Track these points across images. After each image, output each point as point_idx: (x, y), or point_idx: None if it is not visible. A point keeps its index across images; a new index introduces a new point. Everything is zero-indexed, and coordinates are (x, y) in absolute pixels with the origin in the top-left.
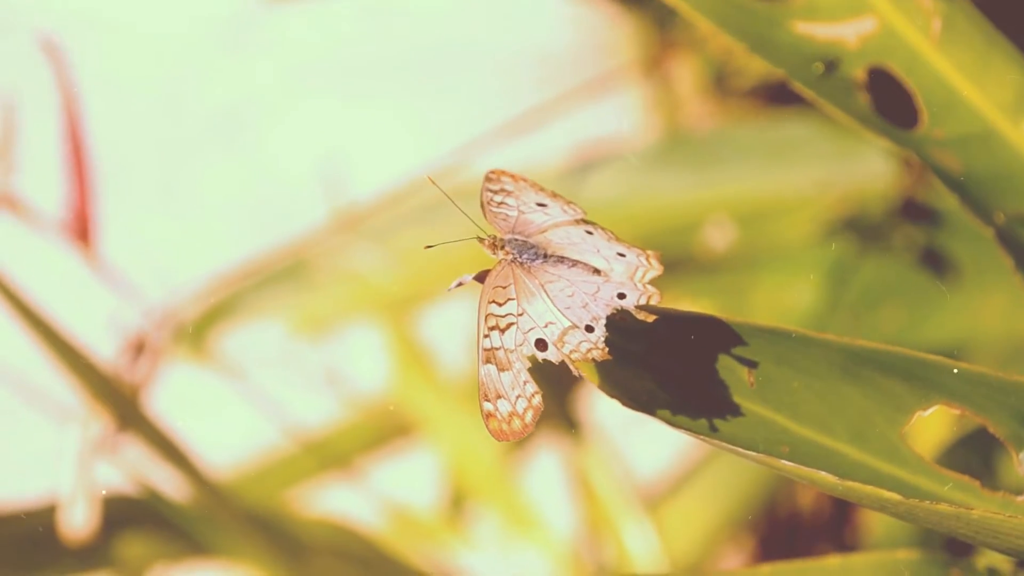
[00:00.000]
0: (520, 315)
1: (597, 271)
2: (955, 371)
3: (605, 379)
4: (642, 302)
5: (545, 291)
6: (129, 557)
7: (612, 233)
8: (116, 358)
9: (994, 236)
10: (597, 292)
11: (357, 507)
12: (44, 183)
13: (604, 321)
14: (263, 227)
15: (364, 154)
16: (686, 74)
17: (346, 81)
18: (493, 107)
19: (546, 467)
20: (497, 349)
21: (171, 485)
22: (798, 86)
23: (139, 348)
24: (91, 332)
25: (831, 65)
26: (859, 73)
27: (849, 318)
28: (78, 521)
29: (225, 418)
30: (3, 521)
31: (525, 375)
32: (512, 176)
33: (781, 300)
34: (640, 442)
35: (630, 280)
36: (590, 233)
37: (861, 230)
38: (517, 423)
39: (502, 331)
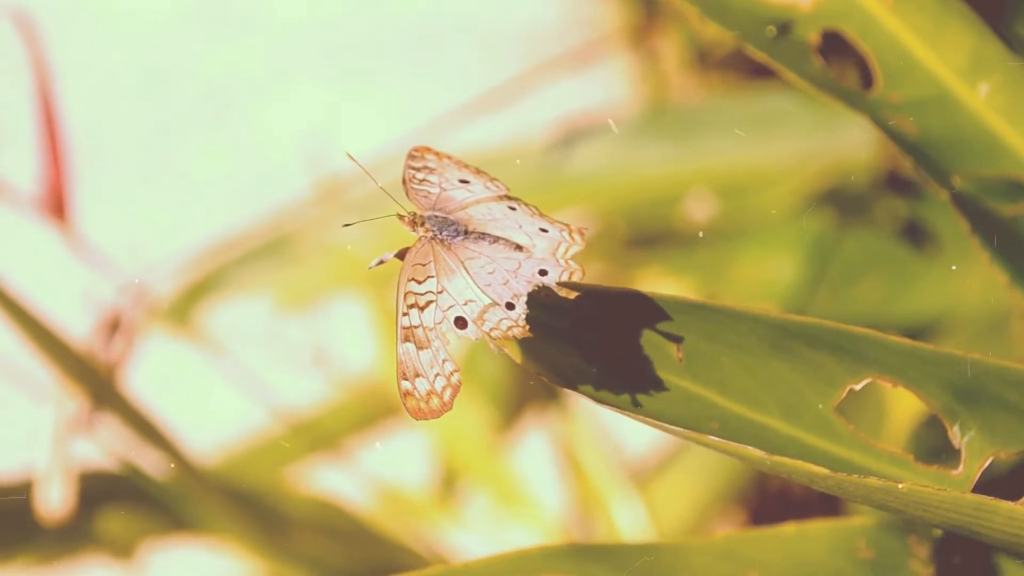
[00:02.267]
0: (440, 293)
1: (519, 247)
2: (885, 343)
3: (530, 355)
4: (564, 278)
5: (465, 268)
6: (111, 534)
7: (536, 209)
8: (91, 336)
9: (950, 199)
10: (518, 268)
11: (346, 487)
12: (19, 160)
13: (525, 298)
14: (245, 203)
15: (348, 130)
16: (670, 47)
17: (330, 57)
18: (478, 81)
19: (535, 445)
20: (416, 327)
21: (151, 463)
22: (751, 50)
23: (114, 326)
24: (67, 310)
25: (784, 28)
26: (813, 36)
27: (829, 292)
28: (55, 499)
29: (210, 397)
30: None
31: (444, 353)
32: (436, 153)
33: (762, 274)
34: (628, 418)
35: (552, 256)
36: (513, 209)
37: (843, 203)
38: (435, 402)
39: (421, 309)
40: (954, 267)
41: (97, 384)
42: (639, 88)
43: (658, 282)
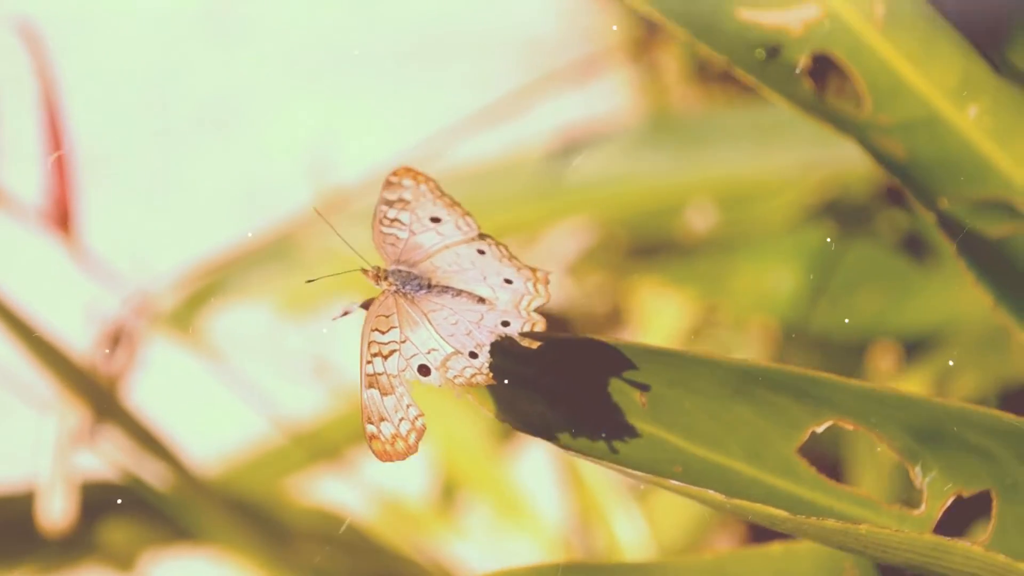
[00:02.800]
0: (403, 342)
1: (482, 300)
2: (846, 387)
3: (497, 403)
4: (526, 329)
5: (428, 320)
6: (113, 544)
7: (506, 250)
8: (93, 348)
9: (936, 221)
10: (481, 320)
11: (347, 497)
12: (23, 172)
13: (488, 348)
14: (249, 215)
15: (350, 141)
16: (670, 58)
17: (331, 68)
18: (479, 92)
19: (536, 456)
20: (380, 375)
21: (152, 474)
22: (740, 73)
23: (117, 338)
24: (71, 322)
25: (775, 51)
26: (803, 59)
27: (829, 303)
28: (57, 510)
29: (211, 410)
30: None
31: (408, 399)
32: (415, 177)
33: (761, 285)
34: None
35: (515, 308)
36: (482, 252)
37: (843, 214)
38: (401, 444)
39: (385, 357)
40: (957, 276)
41: (99, 396)
42: (640, 99)
43: (659, 293)
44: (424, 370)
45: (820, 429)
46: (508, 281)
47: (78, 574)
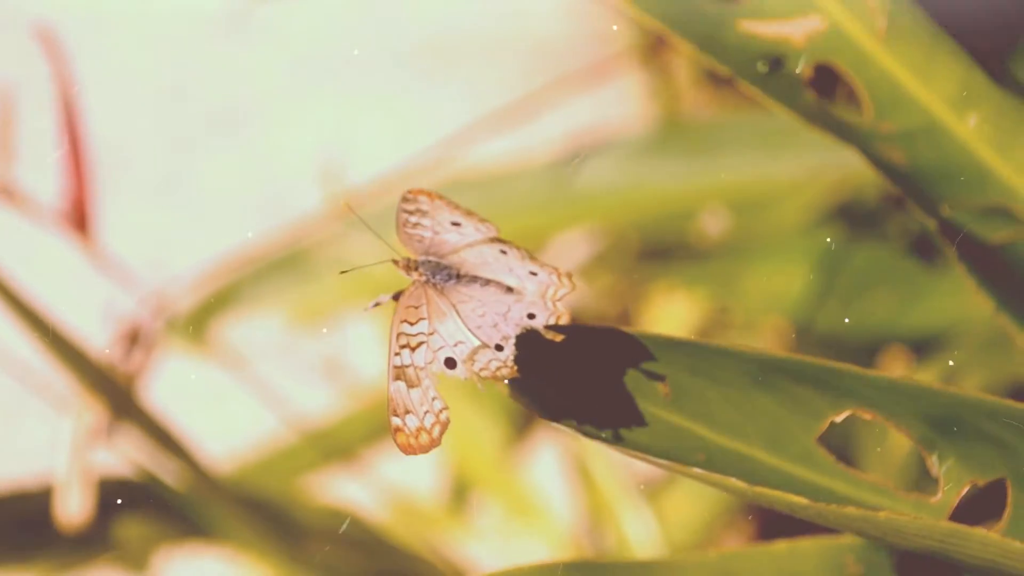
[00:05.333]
0: (431, 334)
1: (510, 290)
2: (865, 378)
3: (521, 393)
4: (551, 322)
5: (456, 311)
6: (128, 541)
7: (526, 252)
8: (110, 348)
9: (937, 228)
10: (508, 312)
11: (360, 497)
12: (42, 174)
13: (514, 340)
14: (262, 218)
15: (362, 145)
16: (682, 62)
17: (344, 72)
18: (490, 97)
19: (547, 456)
20: (407, 367)
21: (169, 472)
22: (744, 85)
23: (134, 338)
24: (88, 322)
25: (778, 63)
26: (806, 70)
27: (839, 304)
28: (74, 506)
29: (226, 409)
30: (1, 504)
31: (434, 391)
32: (428, 195)
33: (772, 287)
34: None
35: (541, 299)
36: (504, 252)
37: (853, 217)
38: (425, 438)
39: (412, 349)
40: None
41: (116, 394)
42: (650, 104)
43: (670, 295)
44: (451, 363)
45: (840, 419)
46: (533, 274)
47: (93, 571)
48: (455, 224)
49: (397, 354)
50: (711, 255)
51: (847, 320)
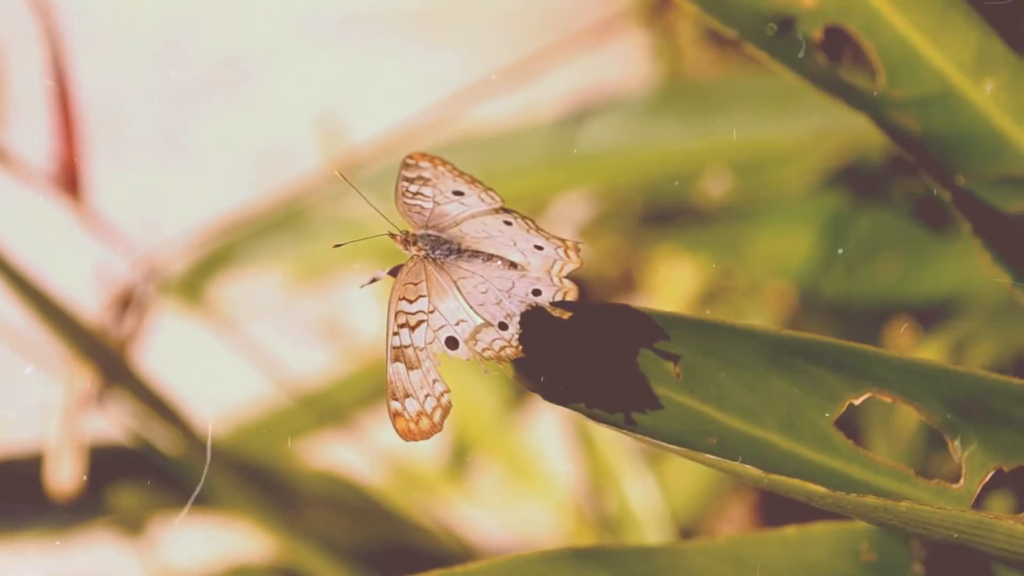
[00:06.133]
0: (431, 312)
1: (513, 265)
2: (886, 359)
3: (524, 373)
4: (558, 299)
5: (458, 288)
6: (122, 508)
7: (532, 222)
8: (102, 311)
9: (952, 199)
10: (512, 288)
11: (356, 461)
12: (32, 135)
13: (518, 318)
14: (260, 177)
15: (363, 103)
16: (686, 22)
17: (346, 30)
18: (493, 56)
19: (547, 420)
20: (406, 347)
21: (162, 440)
22: (751, 48)
23: (126, 302)
24: (80, 285)
25: (787, 25)
26: (815, 33)
27: (844, 270)
28: (65, 473)
29: (222, 371)
30: None
31: (434, 373)
32: (431, 160)
33: (776, 251)
34: None
35: (547, 275)
36: (508, 223)
37: (859, 180)
38: (425, 423)
39: (412, 328)
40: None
41: (108, 360)
42: (654, 64)
43: (672, 258)
44: (452, 343)
45: (858, 401)
46: (538, 247)
47: (86, 538)
48: (458, 193)
49: (395, 334)
50: (714, 217)
51: (861, 289)
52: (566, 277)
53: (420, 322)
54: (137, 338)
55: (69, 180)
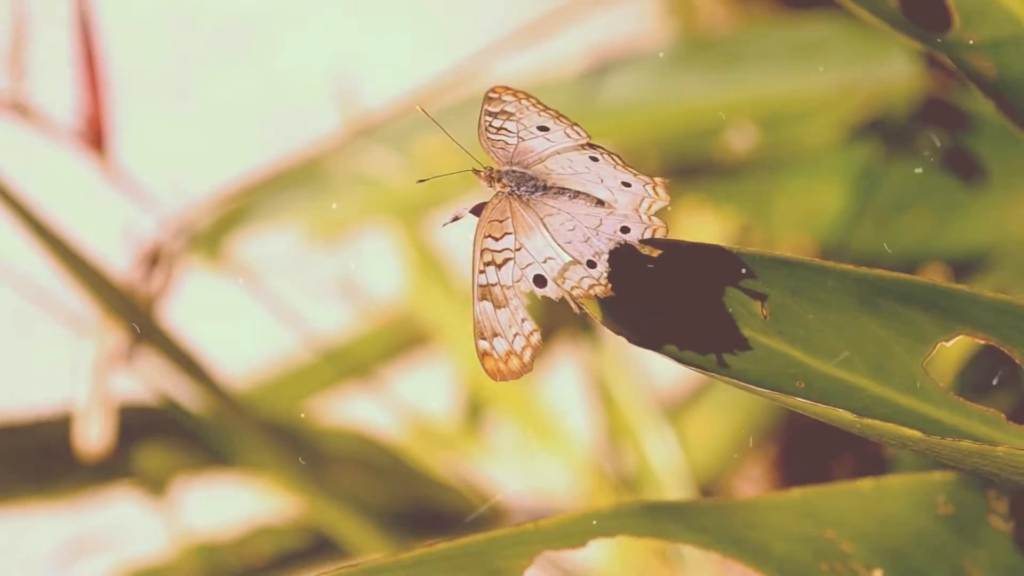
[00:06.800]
0: (518, 250)
1: (600, 202)
2: (981, 300)
3: (609, 314)
4: (647, 236)
5: (544, 225)
6: (148, 468)
7: (619, 158)
8: (131, 269)
9: None
10: (600, 225)
11: (376, 416)
12: (56, 90)
13: (607, 256)
14: (278, 134)
15: (377, 61)
16: None
17: None
18: (507, 14)
19: (565, 375)
20: (493, 285)
21: (189, 397)
22: None
23: (154, 259)
24: (106, 242)
25: None
26: None
27: (875, 224)
28: (94, 433)
29: (241, 326)
30: (19, 432)
31: (523, 312)
32: (515, 94)
33: (805, 205)
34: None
35: (635, 212)
36: (595, 159)
37: (886, 133)
38: (515, 362)
39: (498, 266)
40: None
41: (137, 318)
42: (672, 17)
43: (697, 213)
44: (540, 280)
45: (949, 343)
46: (626, 184)
47: (111, 497)
48: (543, 129)
49: (482, 272)
50: (740, 171)
51: (887, 246)
52: (654, 215)
53: (506, 260)
54: (165, 296)
55: (95, 136)
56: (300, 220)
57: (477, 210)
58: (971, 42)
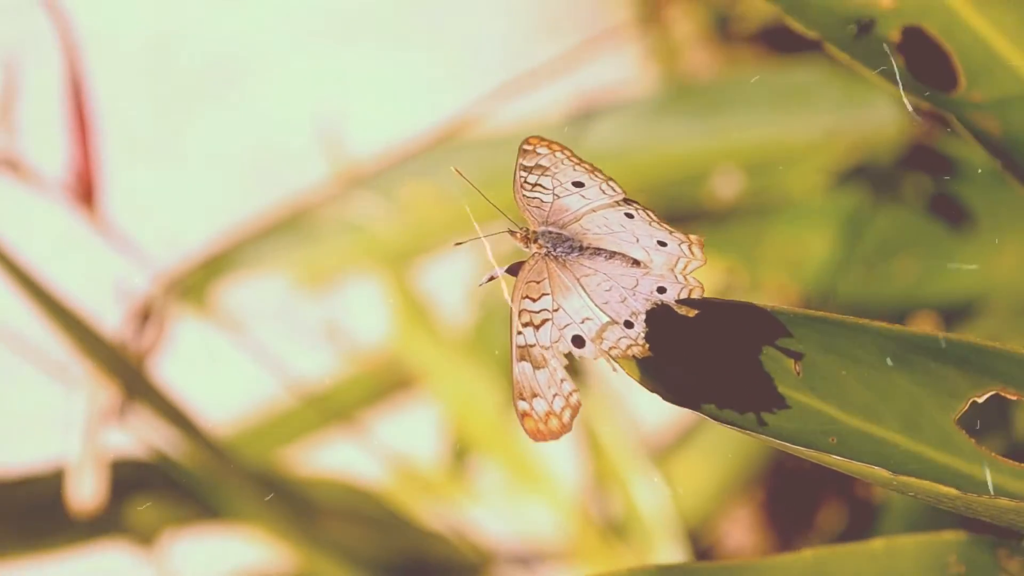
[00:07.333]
0: (555, 311)
1: (636, 263)
2: (1012, 356)
3: (645, 373)
4: (683, 296)
5: (581, 285)
6: (138, 523)
7: (653, 215)
8: (122, 325)
9: None
10: (636, 286)
11: (360, 462)
12: (46, 144)
13: (644, 316)
14: (263, 180)
15: (363, 103)
16: (688, 20)
17: (343, 30)
18: (492, 56)
19: None
20: (532, 346)
21: (179, 450)
22: (832, 50)
23: (145, 315)
24: (96, 295)
25: (866, 26)
26: (894, 34)
27: (863, 270)
28: (86, 489)
29: (226, 374)
30: (9, 487)
31: (562, 372)
32: (549, 145)
33: (791, 251)
34: (646, 392)
35: (671, 272)
36: (630, 216)
37: (872, 179)
38: (555, 423)
39: (536, 327)
40: (996, 241)
41: (129, 374)
42: (656, 63)
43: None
44: (579, 341)
45: (981, 399)
46: (662, 244)
47: (102, 551)
48: (578, 184)
49: (520, 333)
50: (726, 218)
51: (879, 288)
52: (690, 275)
53: (544, 320)
54: (156, 351)
55: (84, 190)
56: (286, 267)
57: (513, 270)
58: (977, 101)
